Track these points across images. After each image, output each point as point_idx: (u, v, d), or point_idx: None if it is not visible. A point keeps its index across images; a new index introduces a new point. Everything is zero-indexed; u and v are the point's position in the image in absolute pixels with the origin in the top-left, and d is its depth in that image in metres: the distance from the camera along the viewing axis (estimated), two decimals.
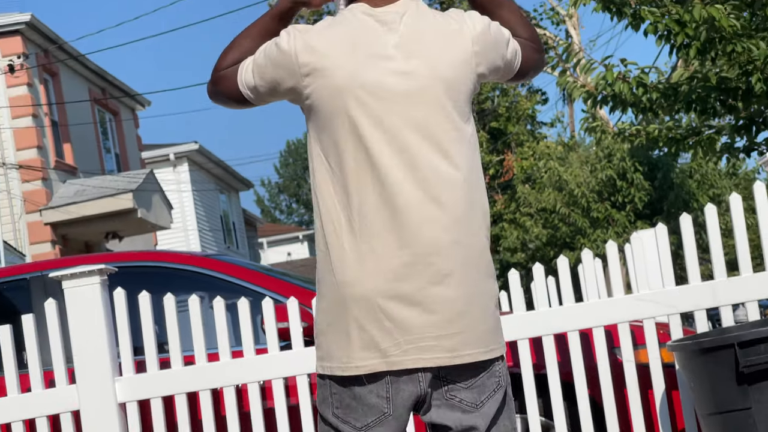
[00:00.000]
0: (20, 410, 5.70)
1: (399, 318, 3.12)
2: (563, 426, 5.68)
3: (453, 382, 3.18)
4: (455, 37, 3.31)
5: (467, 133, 3.31)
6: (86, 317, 5.66)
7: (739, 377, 4.95)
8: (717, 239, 5.67)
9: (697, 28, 10.68)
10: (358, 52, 3.23)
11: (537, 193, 30.99)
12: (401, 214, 3.16)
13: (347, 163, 3.20)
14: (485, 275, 3.27)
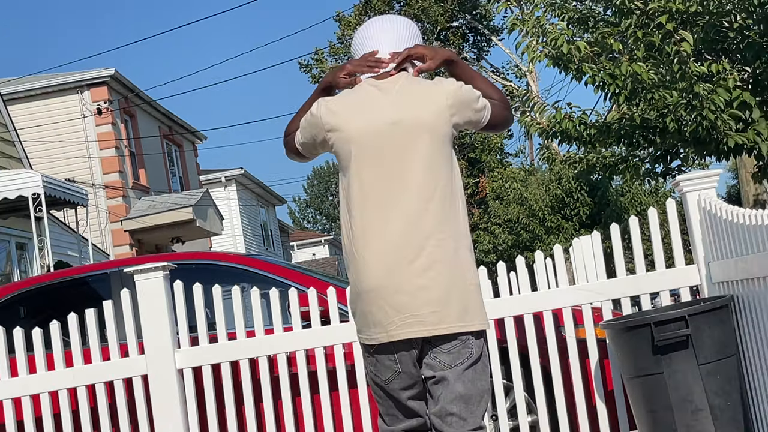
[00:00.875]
0: (102, 374, 5.72)
1: (393, 303, 3.47)
2: (520, 387, 5.67)
3: (436, 347, 3.47)
4: (433, 95, 3.59)
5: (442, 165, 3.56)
6: (152, 303, 5.68)
7: (654, 349, 4.95)
8: (638, 243, 5.69)
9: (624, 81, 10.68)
10: (363, 112, 3.59)
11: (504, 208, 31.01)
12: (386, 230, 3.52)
13: (353, 193, 3.59)
14: (460, 270, 3.52)
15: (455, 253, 3.53)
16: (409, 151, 3.55)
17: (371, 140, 3.58)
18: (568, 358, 5.67)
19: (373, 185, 3.56)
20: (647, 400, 5.03)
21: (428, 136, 3.54)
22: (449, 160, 3.59)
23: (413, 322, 3.45)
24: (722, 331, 4.96)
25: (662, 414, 4.97)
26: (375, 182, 3.56)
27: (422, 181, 3.53)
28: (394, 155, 3.56)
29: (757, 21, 10.62)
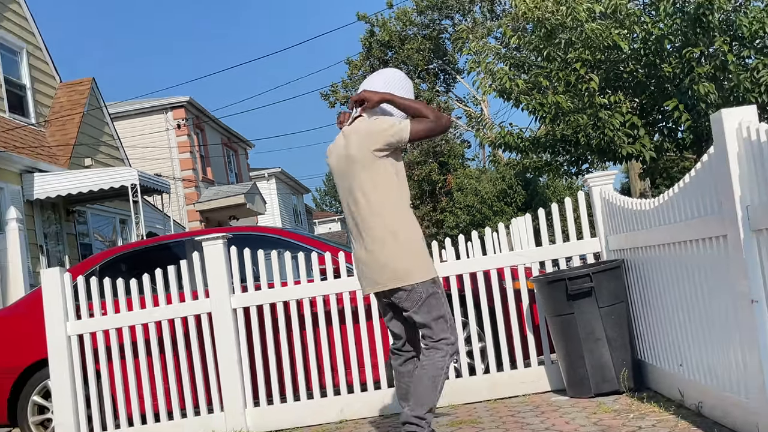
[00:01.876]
0: (180, 312, 5.71)
1: (359, 271, 3.98)
2: (473, 322, 5.68)
3: (395, 296, 3.84)
4: (361, 134, 3.88)
5: (380, 180, 3.84)
6: (215, 262, 5.67)
7: (568, 296, 4.96)
8: (558, 223, 5.68)
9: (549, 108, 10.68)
10: (333, 150, 4.05)
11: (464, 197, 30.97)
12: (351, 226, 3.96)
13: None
14: (392, 247, 3.81)
15: (389, 236, 3.80)
16: (352, 176, 3.88)
17: (336, 169, 3.99)
18: (508, 302, 5.68)
19: (342, 197, 4.00)
20: (563, 333, 5.05)
21: (359, 165, 3.84)
22: (382, 174, 3.83)
23: (370, 282, 3.89)
24: (616, 284, 4.98)
25: (573, 342, 4.99)
26: (342, 195, 4.00)
27: (360, 194, 3.85)
28: (347, 178, 3.92)
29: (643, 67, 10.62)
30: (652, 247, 4.46)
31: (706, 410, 3.87)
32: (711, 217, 3.45)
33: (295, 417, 5.60)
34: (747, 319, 3.17)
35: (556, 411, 4.76)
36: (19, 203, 13.35)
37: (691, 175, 3.69)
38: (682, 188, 3.85)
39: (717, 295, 3.57)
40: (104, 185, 13.95)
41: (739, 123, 3.11)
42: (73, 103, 16.07)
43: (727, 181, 3.17)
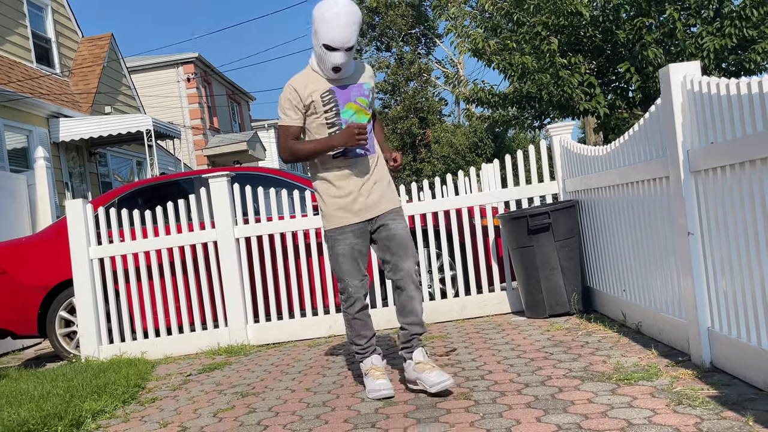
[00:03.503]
0: (189, 240, 5.69)
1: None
2: (446, 254, 5.70)
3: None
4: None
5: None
6: (220, 197, 5.63)
7: (528, 231, 4.97)
8: (522, 168, 5.67)
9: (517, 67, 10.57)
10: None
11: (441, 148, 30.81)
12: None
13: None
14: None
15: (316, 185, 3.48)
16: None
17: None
18: (476, 237, 5.69)
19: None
20: (523, 263, 5.07)
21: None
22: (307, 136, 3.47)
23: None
24: (570, 221, 4.99)
25: (532, 271, 5.02)
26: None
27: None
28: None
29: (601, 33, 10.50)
30: (603, 189, 4.46)
31: (645, 328, 3.93)
32: (656, 161, 3.45)
33: (289, 332, 5.64)
34: (684, 250, 3.19)
35: (515, 329, 4.81)
36: (46, 144, 13.16)
37: (640, 124, 3.68)
38: (631, 136, 3.83)
39: (658, 229, 3.59)
40: (122, 130, 13.76)
41: (684, 76, 3.08)
42: (94, 56, 15.74)
43: (671, 128, 3.16)
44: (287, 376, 4.21)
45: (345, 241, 3.39)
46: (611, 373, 3.26)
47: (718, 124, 2.82)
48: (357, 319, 3.46)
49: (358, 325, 3.46)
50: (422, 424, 2.82)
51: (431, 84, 33.94)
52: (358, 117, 3.42)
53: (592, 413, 2.69)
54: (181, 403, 3.87)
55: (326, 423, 3.06)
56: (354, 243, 3.40)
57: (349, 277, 3.40)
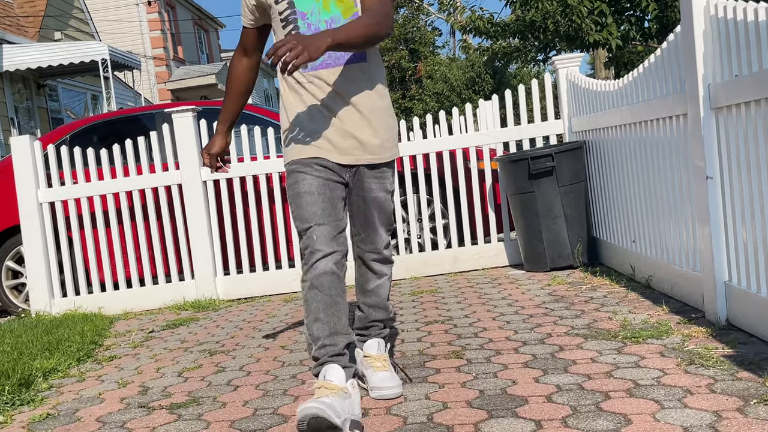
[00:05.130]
0: (149, 182, 5.63)
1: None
2: (437, 200, 5.69)
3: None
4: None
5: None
6: (186, 135, 5.56)
7: (530, 175, 4.96)
8: (523, 104, 5.59)
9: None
10: None
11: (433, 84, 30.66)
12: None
13: None
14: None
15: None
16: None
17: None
18: (471, 182, 5.68)
19: None
20: (523, 210, 5.08)
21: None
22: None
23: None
24: (576, 164, 4.99)
25: (532, 219, 5.03)
26: None
27: None
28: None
29: None
30: (614, 128, 4.44)
31: (655, 283, 3.96)
32: (672, 96, 3.42)
33: (263, 286, 5.65)
34: (701, 195, 3.19)
35: (513, 283, 4.84)
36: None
37: (656, 55, 3.64)
38: (646, 68, 3.80)
39: (673, 172, 3.58)
40: (74, 59, 13.52)
41: (707, 0, 3.03)
42: None
43: (692, 60, 3.12)
44: (260, 333, 4.23)
45: (311, 173, 2.58)
46: (617, 330, 3.29)
47: (744, 54, 2.79)
48: (316, 290, 2.49)
49: (318, 301, 2.50)
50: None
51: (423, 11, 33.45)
52: (323, 6, 2.59)
53: (595, 373, 2.72)
54: (143, 361, 3.88)
55: (303, 383, 3.07)
56: (325, 180, 2.61)
57: (314, 221, 2.52)
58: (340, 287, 2.53)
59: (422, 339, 3.59)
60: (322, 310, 2.49)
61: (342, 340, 2.53)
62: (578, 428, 2.23)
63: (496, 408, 2.49)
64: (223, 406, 2.89)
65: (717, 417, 2.20)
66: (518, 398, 2.56)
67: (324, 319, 2.50)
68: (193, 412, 2.85)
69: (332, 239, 2.53)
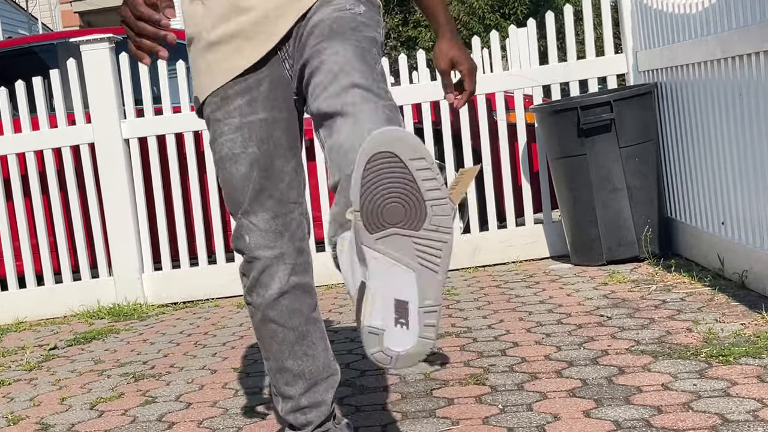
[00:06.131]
0: (51, 141, 5.62)
1: None
2: (452, 167, 5.69)
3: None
4: None
5: None
6: (99, 74, 5.54)
7: (579, 132, 4.98)
8: (571, 32, 5.62)
9: None
10: None
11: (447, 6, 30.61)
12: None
13: None
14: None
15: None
16: None
17: None
18: (498, 141, 5.68)
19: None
20: (570, 180, 5.09)
21: None
22: None
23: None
24: (644, 117, 4.99)
25: (583, 192, 5.04)
26: None
27: None
28: None
29: None
30: (697, 65, 4.44)
31: (753, 281, 3.97)
32: None
33: (208, 285, 5.66)
34: None
35: (555, 281, 4.85)
36: None
37: None
38: None
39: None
40: None
41: None
42: None
43: None
44: (205, 350, 4.24)
45: (226, 122, 2.21)
46: (699, 346, 3.30)
47: None
48: (272, 323, 2.24)
49: (273, 340, 2.26)
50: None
51: None
52: None
53: (668, 405, 2.74)
54: (41, 389, 3.88)
55: (263, 418, 3.09)
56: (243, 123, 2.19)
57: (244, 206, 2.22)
58: (307, 304, 2.25)
59: (428, 358, 3.61)
60: (288, 356, 2.24)
61: (325, 391, 2.27)
62: None
63: None
64: None
65: None
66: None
67: (294, 369, 2.24)
68: None
69: (276, 237, 2.21)
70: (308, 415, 2.23)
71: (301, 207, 2.23)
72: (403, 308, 1.61)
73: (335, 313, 4.75)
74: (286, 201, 2.19)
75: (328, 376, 2.26)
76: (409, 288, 1.61)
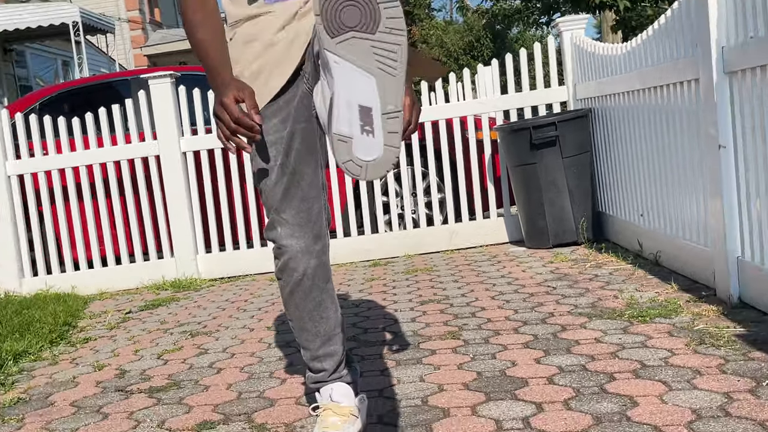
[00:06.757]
0: (125, 153, 5.61)
1: None
2: (433, 173, 5.69)
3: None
4: None
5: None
6: (163, 102, 5.53)
7: (531, 146, 4.97)
8: (525, 69, 5.59)
9: None
10: None
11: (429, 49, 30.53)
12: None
13: None
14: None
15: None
16: None
17: None
18: (470, 153, 5.68)
19: None
20: (524, 183, 5.08)
21: None
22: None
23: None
24: (581, 134, 4.99)
25: (534, 192, 5.04)
26: None
27: None
28: None
29: None
30: (621, 95, 4.44)
31: (664, 260, 3.98)
32: (684, 60, 3.42)
33: (248, 264, 5.65)
34: (713, 166, 3.20)
35: (513, 260, 4.86)
36: None
37: (667, 16, 3.63)
38: (656, 30, 3.79)
39: (684, 142, 3.59)
40: (43, 22, 13.42)
41: None
42: None
43: (704, 21, 3.11)
44: (245, 314, 4.24)
45: (264, 138, 2.14)
46: (623, 309, 3.31)
47: (760, 12, 2.79)
48: (295, 295, 2.20)
49: (298, 309, 2.23)
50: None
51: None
52: None
53: (599, 354, 2.74)
54: (120, 343, 3.88)
55: (291, 365, 3.09)
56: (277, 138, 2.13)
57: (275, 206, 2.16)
58: (324, 278, 2.22)
59: (416, 319, 3.61)
60: (308, 319, 2.23)
61: (336, 344, 2.26)
62: (581, 411, 2.25)
63: (495, 390, 2.50)
64: (205, 390, 2.90)
65: (728, 398, 2.22)
66: (518, 380, 2.58)
67: (312, 329, 2.23)
68: (174, 396, 2.87)
69: (300, 229, 2.16)
70: (323, 362, 2.23)
71: (320, 201, 2.18)
72: (368, 115, 1.46)
73: (344, 286, 4.76)
74: (307, 197, 2.14)
75: (338, 333, 2.25)
76: (370, 93, 1.47)
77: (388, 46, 1.46)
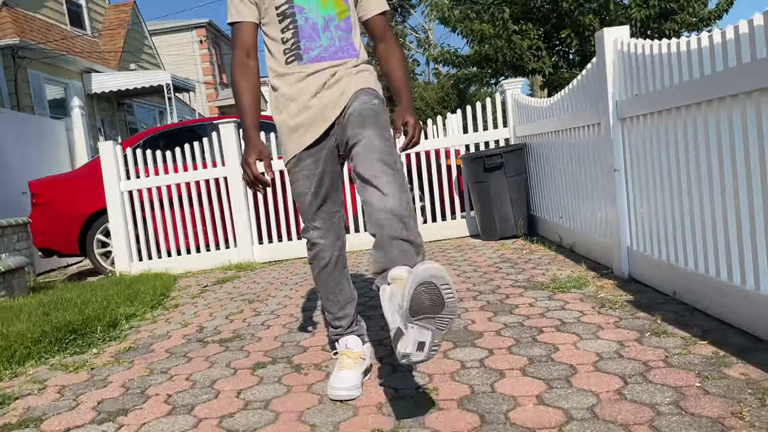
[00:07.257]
0: (202, 175, 5.59)
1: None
2: (417, 187, 5.67)
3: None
4: None
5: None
6: (229, 139, 5.51)
7: (484, 169, 4.95)
8: (480, 118, 5.59)
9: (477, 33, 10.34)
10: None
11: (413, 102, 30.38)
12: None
13: None
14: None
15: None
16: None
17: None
18: (442, 174, 5.66)
19: None
20: (479, 195, 5.07)
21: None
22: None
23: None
24: (519, 161, 4.97)
25: (486, 202, 5.02)
26: None
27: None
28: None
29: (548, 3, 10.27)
30: (546, 134, 4.43)
31: (577, 248, 3.97)
32: (590, 110, 3.41)
33: (289, 251, 5.63)
34: (610, 183, 3.20)
35: (472, 249, 4.85)
36: (81, 95, 12.79)
37: (578, 80, 3.62)
38: (570, 89, 3.79)
39: (590, 166, 3.58)
40: (145, 84, 13.38)
41: (615, 38, 3.02)
42: (119, 20, 15.17)
43: (604, 82, 3.11)
44: (286, 287, 4.23)
45: (301, 173, 2.12)
46: (548, 283, 3.30)
47: (641, 78, 2.78)
48: (322, 276, 2.23)
49: (324, 285, 2.24)
50: None
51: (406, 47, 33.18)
52: (321, 2, 2.02)
53: (532, 314, 2.74)
54: (199, 308, 3.88)
55: (318, 323, 3.08)
56: (311, 173, 2.12)
57: (309, 217, 2.19)
58: (342, 264, 2.24)
59: None
60: (330, 292, 2.24)
61: (350, 308, 2.26)
62: (520, 354, 2.24)
63: (460, 340, 2.50)
64: (258, 340, 2.90)
65: (621, 345, 2.22)
66: (476, 333, 2.58)
67: (333, 299, 2.24)
68: (237, 345, 2.86)
69: (326, 231, 2.19)
70: (341, 321, 2.25)
71: (340, 212, 2.23)
72: (422, 345, 1.65)
73: (355, 267, 4.74)
74: (331, 212, 2.19)
75: (351, 300, 2.28)
76: (427, 337, 1.64)
77: (445, 318, 1.65)
